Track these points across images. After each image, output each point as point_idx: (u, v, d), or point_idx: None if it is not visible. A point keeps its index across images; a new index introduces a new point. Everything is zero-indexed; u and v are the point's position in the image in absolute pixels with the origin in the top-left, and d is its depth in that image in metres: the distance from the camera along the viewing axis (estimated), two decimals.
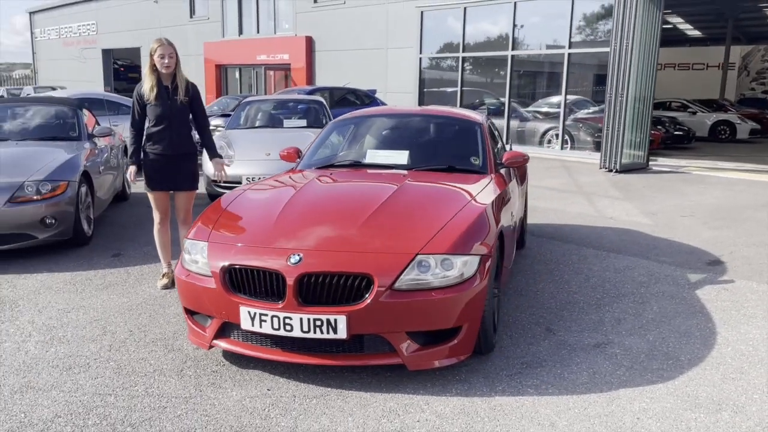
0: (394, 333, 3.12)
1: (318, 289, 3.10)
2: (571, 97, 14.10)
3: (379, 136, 4.97)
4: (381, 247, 3.23)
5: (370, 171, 4.44)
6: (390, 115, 5.20)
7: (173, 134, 4.72)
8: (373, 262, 3.11)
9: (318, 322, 3.06)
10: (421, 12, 15.65)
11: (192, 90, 4.77)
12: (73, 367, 3.49)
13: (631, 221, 7.35)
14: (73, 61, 34.40)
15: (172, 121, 4.70)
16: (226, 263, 3.25)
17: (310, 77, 19.30)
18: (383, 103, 15.47)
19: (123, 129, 11.26)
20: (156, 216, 4.92)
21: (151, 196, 4.88)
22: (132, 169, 4.82)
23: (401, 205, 3.67)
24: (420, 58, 16.00)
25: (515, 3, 13.72)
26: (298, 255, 3.15)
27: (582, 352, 3.69)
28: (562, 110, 13.60)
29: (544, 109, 15.12)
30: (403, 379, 3.31)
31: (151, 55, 4.60)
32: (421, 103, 16.12)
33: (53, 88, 30.40)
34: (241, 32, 22.21)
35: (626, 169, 11.40)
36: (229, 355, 3.56)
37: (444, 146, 4.78)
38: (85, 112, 7.70)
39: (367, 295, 3.06)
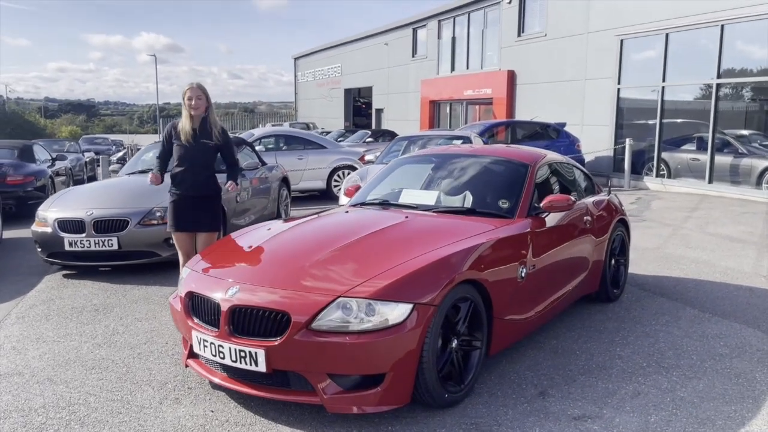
0: (314, 373, 3.15)
1: (246, 321, 3.27)
2: None
3: (423, 175, 4.94)
4: (309, 286, 3.28)
5: (385, 210, 4.45)
6: (441, 156, 5.14)
7: (193, 176, 4.79)
8: (293, 300, 3.19)
9: (242, 353, 3.22)
10: (621, 40, 14.68)
11: (222, 135, 4.83)
12: (96, 368, 4.10)
13: None
14: (323, 100, 38.59)
15: (193, 163, 4.77)
16: (188, 289, 3.59)
17: (510, 110, 19.17)
18: (573, 137, 14.79)
19: (306, 163, 12.54)
20: (180, 258, 4.98)
21: (174, 237, 5.01)
22: (150, 174, 5.02)
23: (366, 245, 3.66)
24: (618, 89, 14.97)
25: (722, 26, 12.18)
26: (236, 287, 3.36)
27: (551, 423, 3.28)
28: None
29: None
30: (333, 421, 3.29)
31: (183, 97, 4.69)
32: (618, 137, 15.03)
33: (306, 125, 34.58)
34: (453, 69, 22.93)
35: None
36: None
37: (476, 187, 4.58)
38: (247, 148, 8.81)
39: (285, 332, 3.15)
